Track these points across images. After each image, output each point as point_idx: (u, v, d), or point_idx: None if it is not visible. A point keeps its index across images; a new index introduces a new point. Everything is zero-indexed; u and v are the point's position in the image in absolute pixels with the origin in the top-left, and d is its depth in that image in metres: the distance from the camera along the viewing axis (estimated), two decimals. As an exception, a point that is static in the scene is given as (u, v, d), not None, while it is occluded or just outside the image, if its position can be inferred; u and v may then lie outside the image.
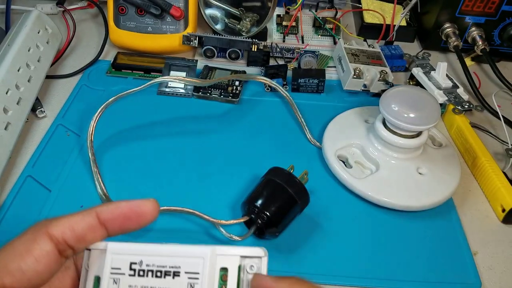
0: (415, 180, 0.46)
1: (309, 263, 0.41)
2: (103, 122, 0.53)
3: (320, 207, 0.45)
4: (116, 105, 0.55)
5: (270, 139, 0.52)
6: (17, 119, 0.48)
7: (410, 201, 0.45)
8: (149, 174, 0.48)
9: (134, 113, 0.54)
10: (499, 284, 0.41)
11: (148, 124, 0.53)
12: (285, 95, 0.55)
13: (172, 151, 0.50)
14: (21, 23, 0.54)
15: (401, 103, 0.44)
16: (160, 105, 0.56)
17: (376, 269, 0.41)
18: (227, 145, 0.52)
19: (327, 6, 0.72)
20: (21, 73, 0.50)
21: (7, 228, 0.42)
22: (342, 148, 0.50)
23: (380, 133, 0.47)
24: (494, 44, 0.68)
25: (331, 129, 0.52)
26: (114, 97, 0.49)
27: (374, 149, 0.48)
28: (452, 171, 0.48)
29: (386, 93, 0.46)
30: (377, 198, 0.45)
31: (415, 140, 0.46)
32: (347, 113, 0.54)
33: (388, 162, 0.47)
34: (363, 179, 0.46)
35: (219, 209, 0.44)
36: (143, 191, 0.46)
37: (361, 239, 0.43)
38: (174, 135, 0.52)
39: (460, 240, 0.44)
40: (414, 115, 0.44)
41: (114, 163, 0.48)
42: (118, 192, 0.45)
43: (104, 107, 0.48)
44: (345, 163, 0.49)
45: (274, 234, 0.41)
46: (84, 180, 0.46)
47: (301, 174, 0.43)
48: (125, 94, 0.49)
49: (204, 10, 0.63)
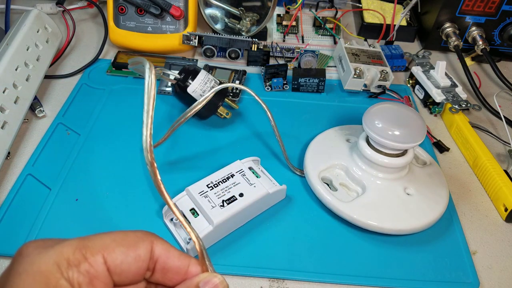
0: (403, 201, 0.44)
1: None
2: (103, 121, 0.53)
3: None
4: (116, 104, 0.55)
5: (264, 139, 0.53)
6: (14, 118, 0.48)
7: (400, 225, 0.42)
8: (148, 172, 0.47)
9: (134, 111, 0.54)
10: (498, 283, 0.41)
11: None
12: (259, 100, 0.48)
13: (171, 150, 0.50)
14: (20, 23, 0.54)
15: (385, 120, 0.42)
16: (160, 104, 0.56)
17: (376, 268, 0.41)
18: (227, 145, 0.52)
19: (327, 6, 0.72)
20: (19, 72, 0.50)
21: (8, 226, 0.42)
22: (326, 170, 0.47)
23: (364, 152, 0.44)
24: (494, 44, 0.68)
25: (312, 150, 0.49)
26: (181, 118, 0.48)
27: (358, 169, 0.45)
28: (439, 191, 0.46)
29: (370, 110, 0.44)
30: (366, 222, 0.42)
31: (400, 159, 0.43)
32: (326, 133, 0.51)
33: (374, 182, 0.44)
34: (349, 202, 0.43)
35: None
36: (143, 190, 0.46)
37: (360, 240, 0.43)
38: (173, 134, 0.52)
39: (459, 240, 0.44)
40: (399, 133, 0.41)
41: (114, 162, 0.48)
42: (118, 190, 0.45)
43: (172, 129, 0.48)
44: (330, 186, 0.46)
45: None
46: (84, 178, 0.46)
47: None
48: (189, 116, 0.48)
49: (204, 10, 0.63)
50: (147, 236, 0.25)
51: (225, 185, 0.43)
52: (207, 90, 0.50)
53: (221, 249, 0.41)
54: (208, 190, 0.42)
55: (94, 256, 0.22)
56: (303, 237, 0.43)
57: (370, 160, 0.44)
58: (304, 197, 0.47)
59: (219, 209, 0.40)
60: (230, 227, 0.42)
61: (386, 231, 0.42)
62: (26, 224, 0.42)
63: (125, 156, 0.49)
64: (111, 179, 0.47)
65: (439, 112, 0.58)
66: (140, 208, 0.44)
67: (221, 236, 0.42)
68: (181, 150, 0.50)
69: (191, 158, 0.50)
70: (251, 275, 0.40)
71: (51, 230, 0.42)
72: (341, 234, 0.43)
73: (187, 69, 0.51)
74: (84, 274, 0.22)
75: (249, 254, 0.41)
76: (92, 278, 0.22)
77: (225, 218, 0.40)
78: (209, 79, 0.50)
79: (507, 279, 0.41)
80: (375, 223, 0.42)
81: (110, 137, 0.51)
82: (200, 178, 0.43)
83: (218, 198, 0.41)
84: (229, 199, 0.41)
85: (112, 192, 0.45)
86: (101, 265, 0.23)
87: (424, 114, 0.59)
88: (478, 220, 0.46)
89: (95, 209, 0.44)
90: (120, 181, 0.46)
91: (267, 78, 0.60)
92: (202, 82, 0.50)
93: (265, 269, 0.40)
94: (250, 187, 0.43)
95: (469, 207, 0.48)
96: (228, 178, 0.43)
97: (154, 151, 0.49)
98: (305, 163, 0.48)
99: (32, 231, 0.41)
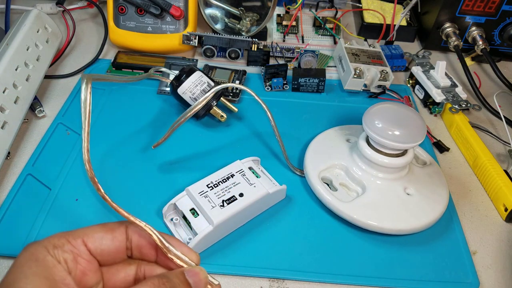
0: (403, 201, 0.44)
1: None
2: (103, 121, 0.53)
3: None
4: (116, 104, 0.55)
5: (264, 139, 0.53)
6: (14, 118, 0.48)
7: (400, 225, 0.42)
8: (148, 172, 0.48)
9: (134, 111, 0.54)
10: (497, 283, 0.41)
11: (147, 123, 0.53)
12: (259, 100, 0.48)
13: (171, 150, 0.50)
14: (20, 23, 0.54)
15: (385, 120, 0.42)
16: (160, 104, 0.56)
17: (375, 268, 0.41)
18: (226, 144, 0.52)
19: (327, 6, 0.72)
20: (19, 72, 0.49)
21: (8, 226, 0.42)
22: (325, 170, 0.47)
23: (364, 152, 0.44)
24: (494, 44, 0.68)
25: (312, 150, 0.49)
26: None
27: (358, 169, 0.45)
28: (439, 191, 0.46)
29: (369, 110, 0.44)
30: (366, 222, 0.42)
31: (400, 159, 0.43)
32: (326, 133, 0.51)
33: (374, 182, 0.44)
34: (349, 202, 0.43)
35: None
36: (143, 190, 0.46)
37: (360, 240, 0.43)
38: (173, 134, 0.52)
39: (459, 240, 0.44)
40: (399, 133, 0.41)
41: (114, 162, 0.48)
42: (118, 190, 0.45)
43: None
44: (330, 185, 0.46)
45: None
46: (84, 178, 0.46)
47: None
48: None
49: (204, 10, 0.63)
50: (122, 222, 0.30)
51: (225, 185, 0.43)
52: (198, 92, 0.50)
53: (221, 249, 0.41)
54: (208, 190, 0.42)
55: (75, 239, 0.27)
56: (303, 237, 0.43)
57: (370, 160, 0.44)
58: (304, 197, 0.47)
59: (219, 209, 0.40)
60: (230, 227, 0.42)
61: (386, 231, 0.42)
62: (26, 224, 0.42)
63: (125, 156, 0.49)
64: (111, 179, 0.46)
65: (439, 112, 0.58)
66: (140, 208, 0.44)
67: (221, 236, 0.42)
68: (181, 150, 0.50)
69: (191, 158, 0.50)
70: (251, 275, 0.40)
71: (51, 230, 0.42)
72: (341, 234, 0.43)
73: (183, 70, 0.51)
74: (68, 252, 0.27)
75: (249, 254, 0.41)
76: (76, 256, 0.27)
77: (225, 218, 0.40)
78: (201, 81, 0.50)
79: (507, 279, 0.41)
80: (375, 223, 0.42)
81: (110, 137, 0.51)
82: (200, 178, 0.43)
83: (218, 198, 0.41)
84: (229, 199, 0.41)
85: (112, 192, 0.45)
86: (82, 246, 0.28)
87: (424, 114, 0.59)
88: (478, 220, 0.46)
89: (95, 209, 0.44)
90: (120, 181, 0.46)
91: (267, 78, 0.60)
92: (193, 85, 0.50)
93: (265, 269, 0.40)
94: (250, 187, 0.43)
95: (469, 207, 0.48)
96: (228, 178, 0.43)
97: (154, 151, 0.49)
98: (305, 163, 0.48)
99: (32, 231, 0.41)
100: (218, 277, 0.40)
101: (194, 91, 0.50)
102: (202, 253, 0.41)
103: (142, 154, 0.50)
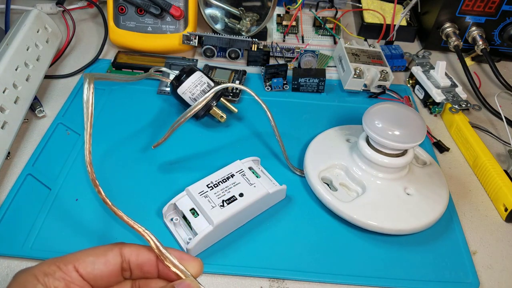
0: (403, 201, 0.44)
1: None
2: (103, 121, 0.53)
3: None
4: (116, 104, 0.55)
5: (264, 139, 0.53)
6: (14, 118, 0.48)
7: (400, 225, 0.42)
8: (148, 172, 0.48)
9: (134, 111, 0.54)
10: (497, 283, 0.41)
11: (147, 123, 0.53)
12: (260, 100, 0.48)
13: (171, 150, 0.50)
14: (20, 23, 0.54)
15: (385, 120, 0.42)
16: (160, 104, 0.56)
17: (375, 268, 0.41)
18: (226, 144, 0.52)
19: (327, 6, 0.72)
20: (19, 72, 0.49)
21: (8, 226, 0.42)
22: (325, 170, 0.47)
23: (364, 152, 0.44)
24: (494, 44, 0.68)
25: (312, 150, 0.49)
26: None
27: (358, 169, 0.45)
28: (439, 191, 0.46)
29: (369, 110, 0.44)
30: (366, 222, 0.42)
31: (400, 159, 0.43)
32: (326, 133, 0.51)
33: (374, 182, 0.44)
34: (349, 202, 0.43)
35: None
36: (143, 190, 0.46)
37: (360, 240, 0.43)
38: (173, 134, 0.52)
39: (459, 240, 0.44)
40: (399, 133, 0.41)
41: (114, 162, 0.48)
42: (118, 190, 0.45)
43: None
44: (330, 186, 0.46)
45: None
46: (84, 178, 0.46)
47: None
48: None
49: (204, 10, 0.63)
50: (115, 244, 0.29)
51: (225, 185, 0.43)
52: (198, 93, 0.50)
53: (221, 249, 0.41)
54: (208, 190, 0.42)
55: (66, 266, 0.27)
56: (303, 237, 0.43)
57: (370, 160, 0.44)
58: (304, 197, 0.47)
59: (219, 209, 0.40)
60: (230, 227, 0.42)
61: (386, 231, 0.42)
62: (26, 224, 0.42)
63: (125, 156, 0.49)
64: (111, 179, 0.47)
65: (439, 112, 0.58)
66: (140, 208, 0.44)
67: (221, 236, 0.42)
68: (181, 150, 0.50)
69: (191, 158, 0.50)
70: (251, 275, 0.40)
71: (51, 230, 0.42)
72: (341, 234, 0.43)
73: (183, 70, 0.51)
74: (59, 279, 0.26)
75: (249, 254, 0.41)
76: (68, 283, 0.26)
77: (225, 218, 0.40)
78: (201, 81, 0.50)
79: (507, 279, 0.41)
80: (375, 223, 0.42)
81: (110, 137, 0.51)
82: (200, 178, 0.43)
83: (218, 198, 0.41)
84: (229, 199, 0.41)
85: (112, 192, 0.45)
86: (73, 272, 0.27)
87: (424, 114, 0.59)
88: (478, 220, 0.46)
89: (95, 209, 0.44)
90: (120, 181, 0.46)
91: (267, 78, 0.60)
92: (193, 85, 0.50)
93: (265, 269, 0.40)
94: (250, 187, 0.43)
95: (469, 207, 0.48)
96: (228, 178, 0.43)
97: (154, 151, 0.49)
98: (305, 163, 0.48)
99: (32, 231, 0.41)
100: (218, 277, 0.40)
101: (194, 91, 0.50)
102: (202, 253, 0.41)
103: (142, 154, 0.50)
